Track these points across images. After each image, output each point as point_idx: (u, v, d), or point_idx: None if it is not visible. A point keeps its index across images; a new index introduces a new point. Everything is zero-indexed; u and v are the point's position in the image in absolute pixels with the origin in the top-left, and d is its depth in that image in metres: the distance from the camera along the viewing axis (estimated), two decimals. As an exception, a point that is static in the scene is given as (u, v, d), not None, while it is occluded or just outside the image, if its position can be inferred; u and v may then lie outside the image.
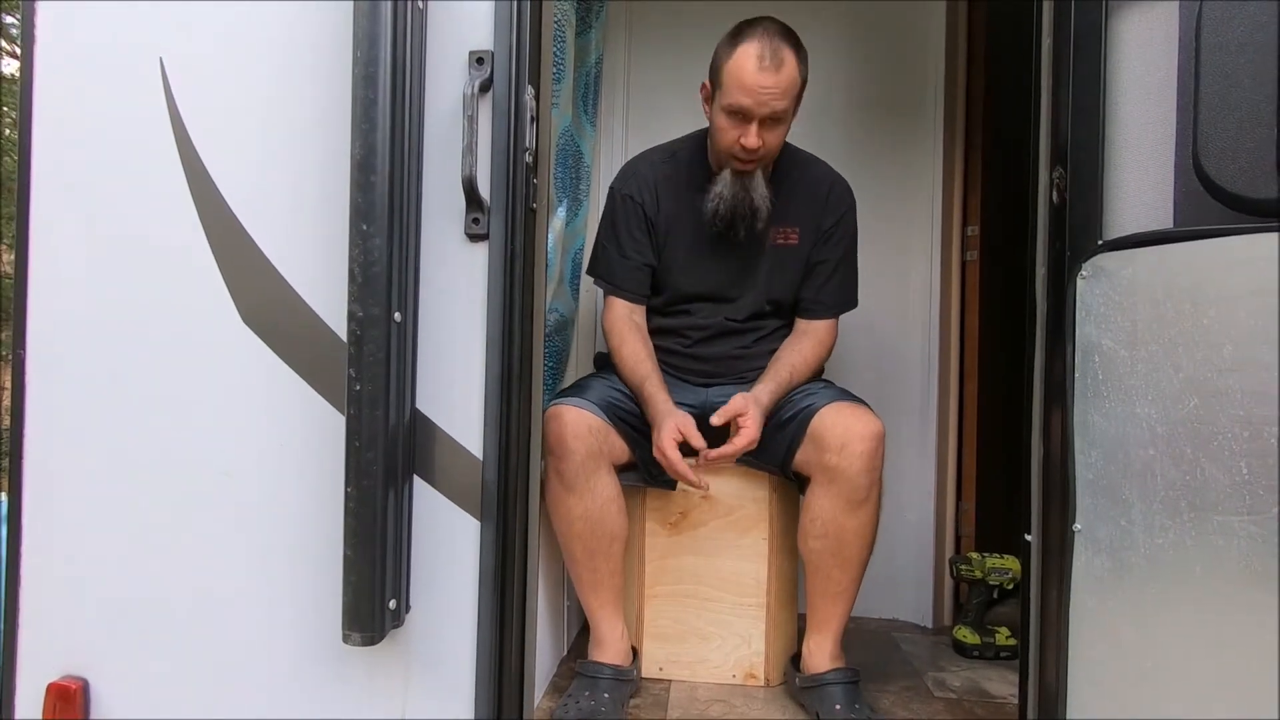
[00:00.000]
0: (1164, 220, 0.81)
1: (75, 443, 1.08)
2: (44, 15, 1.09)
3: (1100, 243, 0.84)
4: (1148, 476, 0.77)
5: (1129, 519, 0.79)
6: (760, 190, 1.45)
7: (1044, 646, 0.95)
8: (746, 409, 1.38)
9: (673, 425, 1.38)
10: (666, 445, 1.37)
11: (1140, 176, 0.84)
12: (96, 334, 1.08)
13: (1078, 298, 0.85)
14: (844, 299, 1.60)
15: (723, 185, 1.46)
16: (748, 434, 1.36)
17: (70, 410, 1.08)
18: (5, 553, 1.08)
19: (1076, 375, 0.84)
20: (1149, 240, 0.79)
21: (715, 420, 1.38)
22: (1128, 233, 0.83)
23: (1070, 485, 0.85)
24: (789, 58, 1.35)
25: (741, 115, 1.37)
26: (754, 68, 1.33)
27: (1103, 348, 0.82)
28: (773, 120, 1.38)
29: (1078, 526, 0.84)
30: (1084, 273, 0.85)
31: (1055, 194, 0.93)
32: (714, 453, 1.37)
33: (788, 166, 1.56)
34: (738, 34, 1.39)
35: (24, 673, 1.08)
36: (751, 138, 1.37)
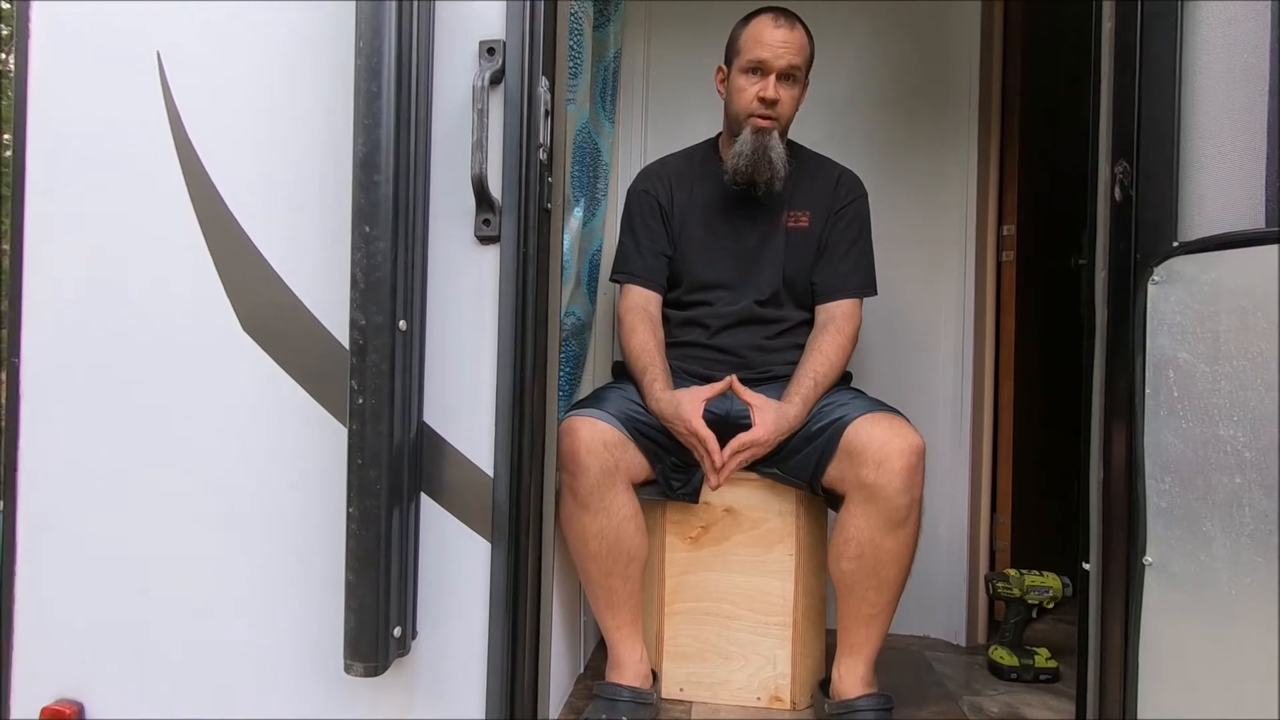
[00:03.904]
0: (1253, 219, 0.73)
1: (71, 458, 1.03)
2: (39, 9, 1.05)
3: (1176, 244, 0.75)
4: (1233, 508, 0.69)
5: (1210, 554, 0.71)
6: (778, 149, 1.47)
7: (1104, 685, 0.87)
8: (758, 403, 1.37)
9: (693, 400, 1.36)
10: (695, 422, 1.34)
11: (1223, 170, 0.75)
12: (93, 344, 1.04)
13: (1149, 305, 0.76)
14: (860, 281, 1.55)
15: (742, 143, 1.47)
16: (752, 433, 1.34)
17: (66, 424, 1.04)
18: (-1, 571, 1.04)
19: (1148, 391, 0.76)
20: (1236, 241, 0.71)
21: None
22: (1208, 233, 0.74)
23: (1139, 513, 0.77)
24: (799, 24, 1.47)
25: (760, 70, 1.45)
26: (770, 25, 1.45)
27: (1179, 362, 0.73)
28: (788, 78, 1.46)
29: (1149, 559, 0.76)
30: (1156, 278, 0.76)
31: (1118, 190, 0.85)
32: (722, 463, 1.34)
33: (798, 161, 1.58)
34: (749, 14, 1.51)
35: (18, 695, 1.04)
36: (770, 89, 1.44)
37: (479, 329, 0.95)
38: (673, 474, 1.44)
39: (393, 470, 0.88)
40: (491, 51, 0.93)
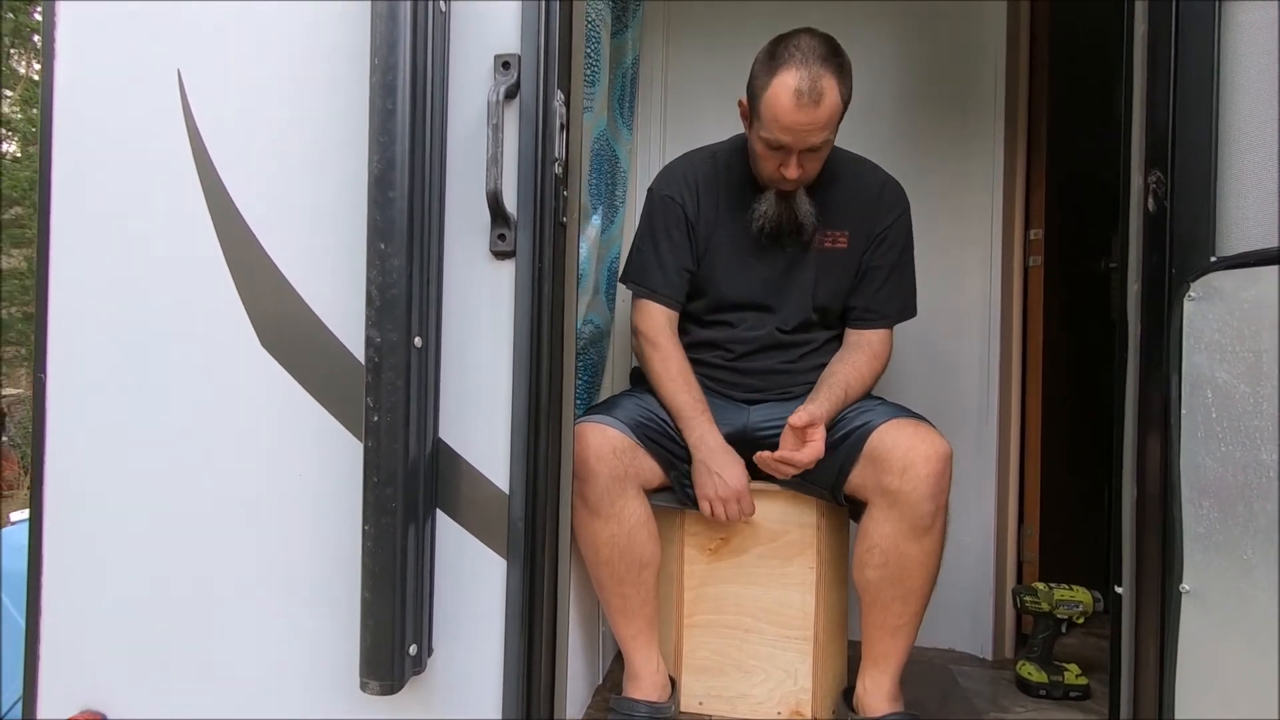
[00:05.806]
0: (1296, 234, 0.70)
1: (94, 472, 1.05)
2: (64, 29, 1.06)
3: (1214, 259, 0.72)
4: (1276, 535, 0.66)
5: (1252, 583, 0.68)
6: (805, 206, 1.42)
7: (1138, 711, 0.84)
8: (816, 421, 1.29)
9: (740, 477, 1.37)
10: (744, 495, 1.36)
11: (1264, 183, 0.72)
12: (116, 358, 1.05)
13: (1185, 322, 0.73)
14: (900, 307, 1.50)
15: (767, 205, 1.42)
16: (816, 449, 1.27)
17: (90, 437, 1.05)
18: (26, 584, 1.06)
19: (1184, 412, 0.73)
20: (1278, 258, 0.68)
21: (781, 448, 1.32)
22: (1247, 248, 0.71)
23: (1175, 538, 0.74)
24: (829, 88, 1.27)
25: (781, 149, 1.33)
26: (792, 105, 1.26)
27: (1217, 381, 0.71)
28: (813, 150, 1.33)
29: (1186, 587, 0.73)
30: (1193, 293, 0.73)
31: (1151, 201, 0.82)
32: (771, 455, 1.29)
33: (836, 169, 1.48)
34: (775, 55, 1.30)
35: (44, 705, 1.05)
36: (792, 169, 1.34)
37: (494, 345, 0.94)
38: (687, 481, 1.42)
39: (408, 487, 0.88)
40: (506, 65, 0.92)
